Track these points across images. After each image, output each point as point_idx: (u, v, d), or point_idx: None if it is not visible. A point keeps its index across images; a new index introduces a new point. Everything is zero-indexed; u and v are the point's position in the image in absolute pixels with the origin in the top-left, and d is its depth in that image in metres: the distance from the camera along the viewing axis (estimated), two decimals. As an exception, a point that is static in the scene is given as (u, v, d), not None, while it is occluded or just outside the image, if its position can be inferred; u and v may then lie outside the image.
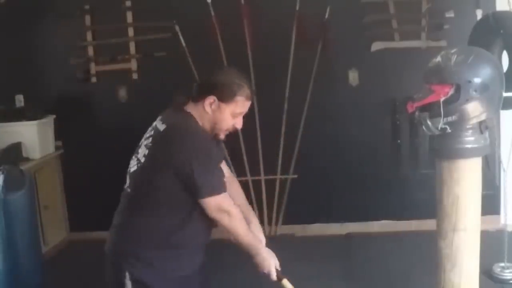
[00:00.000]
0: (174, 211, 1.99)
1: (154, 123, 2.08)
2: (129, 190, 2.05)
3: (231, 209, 2.00)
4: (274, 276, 2.12)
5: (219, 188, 1.98)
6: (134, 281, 1.99)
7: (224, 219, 1.99)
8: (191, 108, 2.05)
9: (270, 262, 2.11)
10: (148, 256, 2.00)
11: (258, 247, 2.09)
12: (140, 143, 2.08)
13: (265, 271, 2.11)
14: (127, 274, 1.99)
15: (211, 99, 2.00)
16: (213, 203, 1.96)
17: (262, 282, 2.37)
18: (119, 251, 2.04)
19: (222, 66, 3.90)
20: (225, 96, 2.00)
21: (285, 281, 2.15)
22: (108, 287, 2.09)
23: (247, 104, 2.06)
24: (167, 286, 2.03)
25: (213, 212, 1.97)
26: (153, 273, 2.00)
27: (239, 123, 2.07)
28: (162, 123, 2.02)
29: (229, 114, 2.02)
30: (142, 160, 2.00)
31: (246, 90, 2.04)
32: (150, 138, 2.02)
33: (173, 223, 2.00)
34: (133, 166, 2.04)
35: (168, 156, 1.93)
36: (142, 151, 2.02)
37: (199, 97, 2.04)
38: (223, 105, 2.01)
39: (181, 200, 1.97)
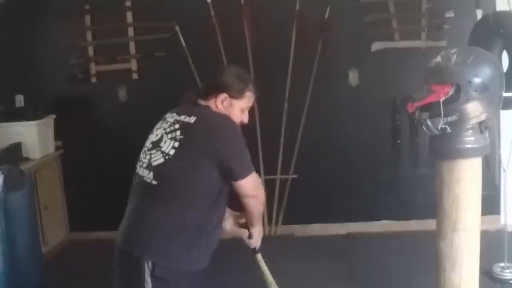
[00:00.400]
0: (203, 199, 2.02)
1: (172, 118, 2.10)
2: (154, 182, 2.03)
3: (260, 181, 2.17)
4: (258, 247, 2.37)
5: (252, 166, 2.10)
6: (154, 277, 1.97)
7: (260, 194, 2.15)
8: (205, 103, 2.17)
9: (261, 236, 2.34)
10: (172, 250, 2.00)
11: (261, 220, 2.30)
12: (157, 138, 2.08)
13: (256, 241, 2.34)
14: (147, 270, 1.97)
15: (222, 96, 2.14)
16: (251, 181, 2.07)
17: (262, 282, 2.38)
18: (140, 247, 2.01)
19: (226, 65, 3.91)
20: (235, 93, 2.15)
21: (259, 255, 2.42)
22: (123, 285, 2.07)
23: (253, 98, 2.23)
24: (187, 281, 2.03)
25: (252, 190, 2.09)
26: (175, 269, 2.00)
27: (246, 118, 2.23)
28: (189, 116, 2.06)
29: (239, 110, 2.18)
30: (172, 152, 2.01)
31: (252, 86, 2.22)
32: (178, 131, 2.04)
33: (199, 213, 2.02)
34: (156, 159, 2.04)
35: (208, 144, 2.00)
36: (169, 144, 2.03)
37: (209, 95, 2.17)
38: (234, 101, 2.16)
39: (212, 187, 2.03)
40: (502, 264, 3.36)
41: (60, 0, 4.40)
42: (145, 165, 2.07)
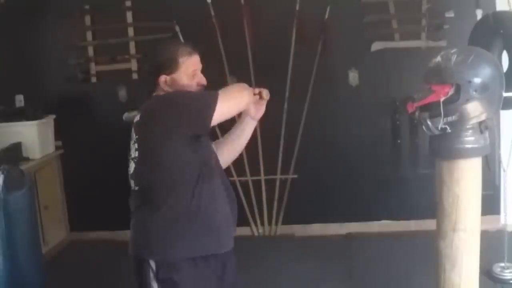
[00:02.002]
0: (184, 185, 1.97)
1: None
2: (136, 188, 2.05)
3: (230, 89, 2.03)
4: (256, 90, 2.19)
5: (208, 98, 1.95)
6: (159, 280, 1.98)
7: (242, 97, 2.06)
8: (154, 94, 2.12)
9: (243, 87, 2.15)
10: (168, 243, 1.98)
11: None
12: (129, 150, 2.10)
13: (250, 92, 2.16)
14: (151, 274, 1.99)
15: (162, 78, 2.06)
16: (221, 109, 1.94)
17: (266, 282, 2.38)
18: (141, 252, 2.03)
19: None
20: (171, 67, 2.06)
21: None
22: None
23: (195, 58, 2.11)
24: (195, 280, 2.01)
25: (232, 108, 2.02)
26: (179, 262, 1.98)
27: (201, 79, 2.12)
28: (137, 115, 2.06)
29: (186, 79, 2.08)
30: (136, 154, 2.02)
31: (183, 49, 2.10)
32: (134, 133, 2.05)
33: (187, 200, 1.97)
34: (131, 167, 2.06)
35: (156, 126, 1.94)
36: (134, 149, 2.04)
37: (154, 85, 2.10)
38: (175, 76, 2.07)
39: (188, 167, 1.97)
40: (502, 264, 3.36)
41: (60, 0, 4.40)
42: (129, 177, 2.10)
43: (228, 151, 2.28)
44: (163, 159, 1.95)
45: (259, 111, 2.26)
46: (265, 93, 2.22)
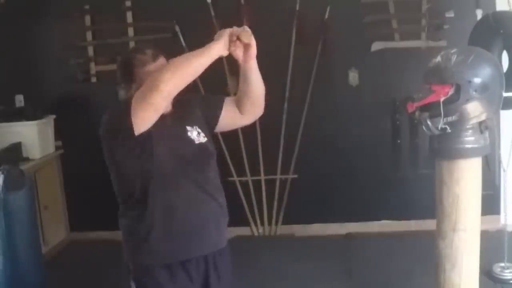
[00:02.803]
0: (139, 194, 1.95)
1: None
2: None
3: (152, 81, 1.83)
4: (234, 30, 2.05)
5: (127, 101, 1.88)
6: (134, 281, 2.03)
7: (155, 84, 1.82)
8: None
9: (221, 34, 2.07)
10: (137, 255, 2.01)
11: (204, 48, 2.03)
12: None
13: (225, 37, 2.05)
14: (130, 275, 2.04)
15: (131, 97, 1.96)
16: (140, 109, 1.82)
17: (266, 282, 2.38)
18: (124, 257, 2.08)
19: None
20: (132, 81, 2.00)
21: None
22: None
23: (152, 65, 1.98)
24: (169, 286, 2.01)
25: (147, 92, 1.82)
26: (152, 273, 1.99)
27: None
28: None
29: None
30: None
31: (137, 58, 2.01)
32: None
33: (143, 208, 1.95)
34: None
35: (105, 138, 1.96)
36: None
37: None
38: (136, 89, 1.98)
39: (142, 174, 1.93)
40: (502, 264, 3.36)
41: (60, 0, 4.40)
42: None
43: (247, 100, 2.28)
44: (116, 171, 2.00)
45: (249, 51, 2.12)
46: (243, 36, 2.06)
